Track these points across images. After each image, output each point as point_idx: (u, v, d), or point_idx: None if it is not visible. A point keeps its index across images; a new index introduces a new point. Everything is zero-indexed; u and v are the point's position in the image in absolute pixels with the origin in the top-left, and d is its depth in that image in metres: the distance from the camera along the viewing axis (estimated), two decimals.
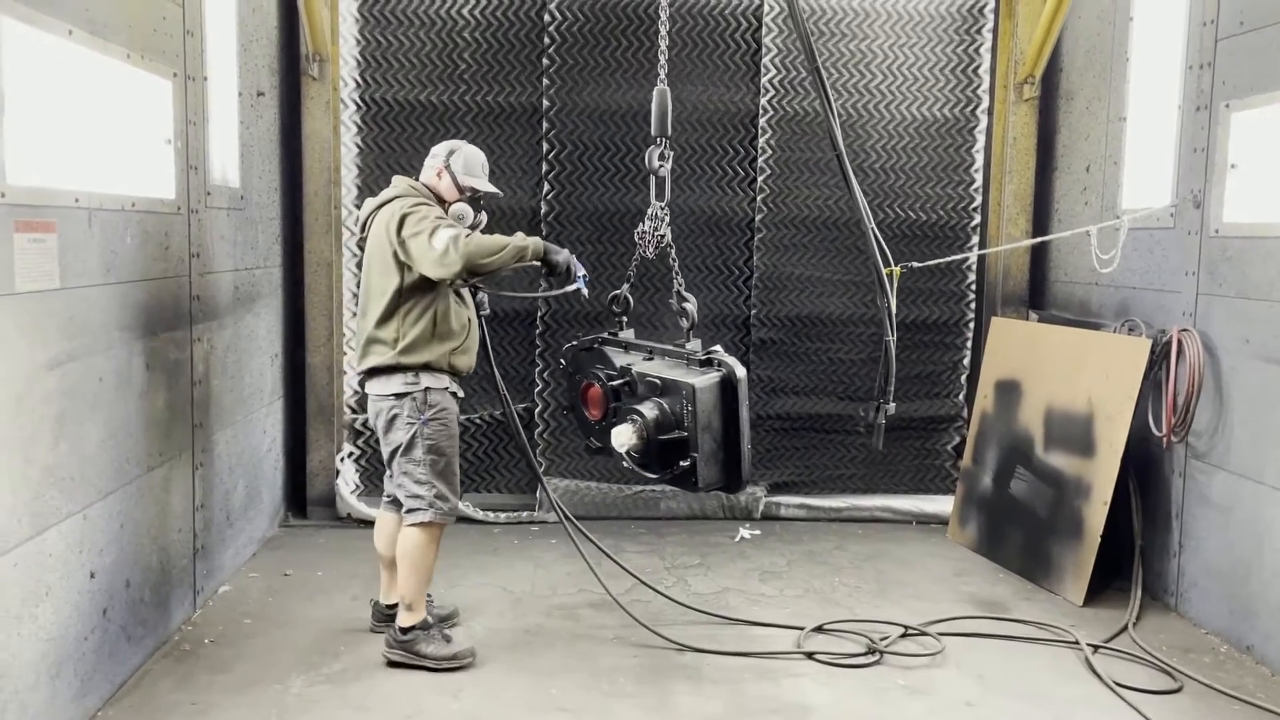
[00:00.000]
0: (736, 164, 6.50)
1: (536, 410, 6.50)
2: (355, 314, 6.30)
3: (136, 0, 4.00)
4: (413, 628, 4.20)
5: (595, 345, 4.42)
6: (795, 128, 6.52)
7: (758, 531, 6.32)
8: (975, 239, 6.71)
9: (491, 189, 4.43)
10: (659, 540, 6.07)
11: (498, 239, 4.02)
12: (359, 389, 4.64)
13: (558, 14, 6.28)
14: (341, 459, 6.41)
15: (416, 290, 4.11)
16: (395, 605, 4.38)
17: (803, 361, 6.65)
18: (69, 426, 3.48)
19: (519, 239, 4.06)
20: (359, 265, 4.94)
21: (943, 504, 6.67)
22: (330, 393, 6.35)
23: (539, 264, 4.16)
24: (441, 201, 4.32)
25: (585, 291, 4.26)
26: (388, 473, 4.36)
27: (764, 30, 6.43)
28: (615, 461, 6.37)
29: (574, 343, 4.53)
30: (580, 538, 4.81)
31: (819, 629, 4.71)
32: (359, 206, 6.28)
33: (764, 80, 6.46)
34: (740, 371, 3.87)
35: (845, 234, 6.60)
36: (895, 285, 4.40)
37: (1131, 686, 4.17)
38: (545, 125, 6.36)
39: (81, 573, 3.59)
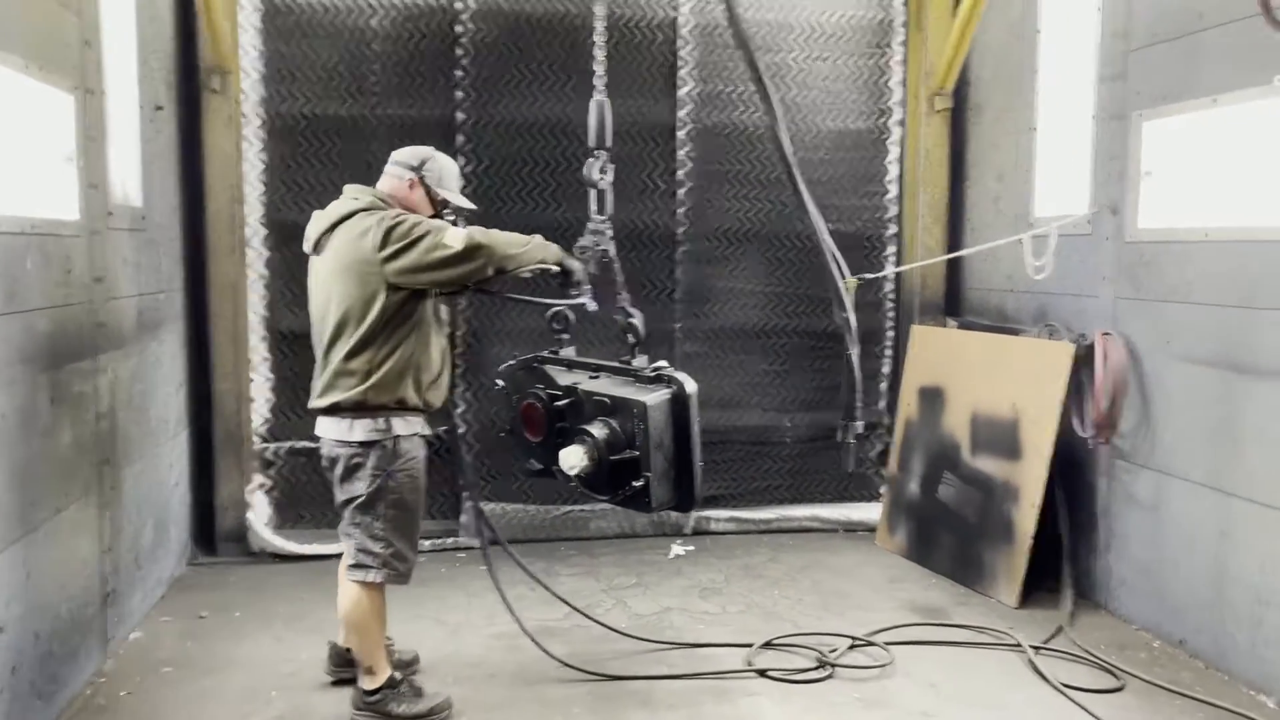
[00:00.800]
0: (657, 177, 6.44)
1: (459, 432, 6.30)
2: (264, 338, 6.05)
3: (33, 6, 3.72)
4: (379, 689, 3.86)
5: (534, 364, 4.27)
6: (714, 140, 6.50)
7: (691, 547, 6.24)
8: (892, 249, 6.80)
9: (467, 204, 4.10)
10: (592, 561, 5.94)
11: (514, 235, 3.74)
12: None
13: (470, 25, 6.13)
14: (252, 491, 6.10)
15: (397, 314, 3.68)
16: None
17: (728, 374, 6.62)
18: None
19: (538, 237, 3.81)
20: (301, 287, 4.24)
21: (869, 511, 6.71)
22: (239, 422, 6.04)
23: (557, 270, 3.88)
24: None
25: (593, 305, 4.03)
26: (342, 522, 3.97)
27: (680, 43, 6.39)
28: (549, 483, 6.26)
29: (511, 362, 4.36)
30: (502, 571, 4.56)
31: (767, 645, 4.65)
32: (266, 225, 6.03)
33: (681, 93, 6.42)
34: (691, 387, 3.78)
35: (767, 246, 6.61)
36: (853, 297, 4.38)
37: (1076, 687, 4.22)
38: (461, 139, 6.18)
39: None
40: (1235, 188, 4.30)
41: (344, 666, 4.12)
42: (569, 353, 4.29)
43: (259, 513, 6.08)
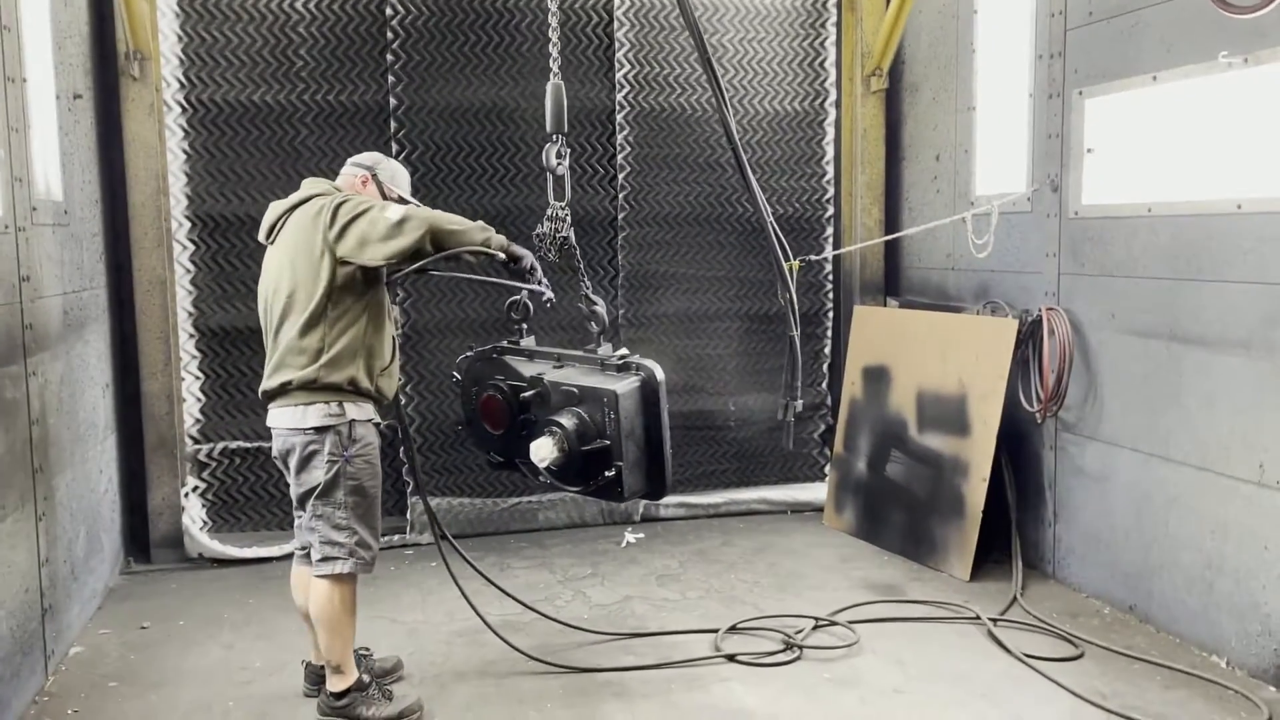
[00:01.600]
0: (596, 162, 6.36)
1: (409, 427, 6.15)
2: (192, 336, 5.81)
3: None
4: (347, 691, 3.75)
5: (494, 355, 4.17)
6: (652, 124, 6.44)
7: (641, 535, 6.21)
8: (830, 230, 6.83)
9: (416, 204, 4.01)
10: (544, 553, 5.86)
11: (457, 217, 3.66)
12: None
13: (400, 8, 5.95)
14: (186, 494, 5.87)
15: (348, 293, 3.62)
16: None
17: (672, 359, 6.57)
18: None
19: (481, 223, 3.72)
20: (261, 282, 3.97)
21: (815, 491, 6.76)
22: (171, 423, 5.79)
23: (502, 257, 3.77)
24: None
25: (551, 295, 3.91)
26: (299, 517, 3.87)
27: (616, 25, 6.31)
28: (493, 476, 6.23)
29: (468, 353, 4.26)
30: (459, 565, 4.46)
31: (733, 629, 4.64)
32: (191, 218, 5.79)
33: (619, 76, 6.35)
34: (659, 374, 3.74)
35: (708, 229, 6.59)
36: (795, 279, 4.36)
37: (1038, 656, 4.30)
38: (394, 125, 6.02)
39: None
40: (1177, 164, 4.41)
41: (321, 684, 3.93)
42: (529, 343, 4.20)
43: (194, 517, 5.86)
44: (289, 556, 5.70)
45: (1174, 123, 4.40)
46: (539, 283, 3.92)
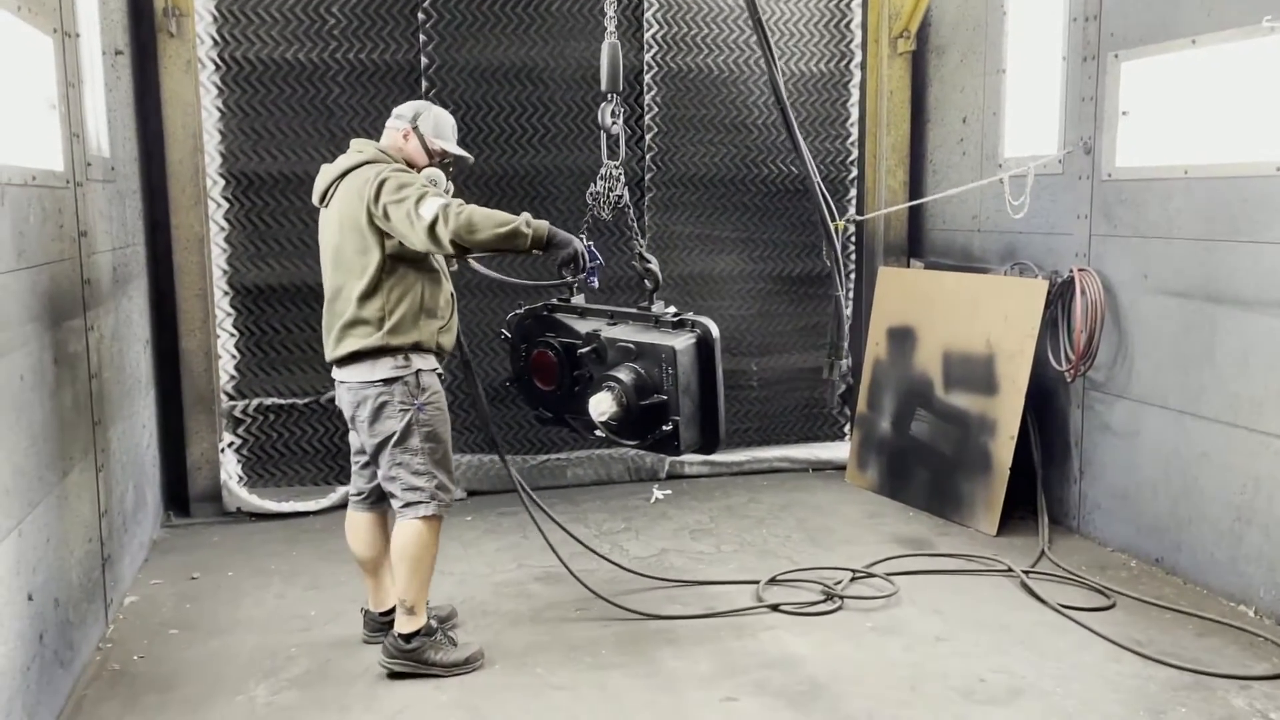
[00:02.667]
0: (624, 122, 6.37)
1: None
2: (226, 293, 5.86)
3: None
4: (416, 633, 3.82)
5: (545, 312, 4.24)
6: (680, 84, 6.47)
7: (669, 491, 6.32)
8: (853, 192, 6.90)
9: (463, 153, 4.05)
10: (576, 509, 5.97)
11: (498, 214, 3.58)
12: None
13: None
14: (223, 450, 5.95)
15: (400, 261, 3.69)
16: (391, 611, 4.04)
17: None
18: (2, 433, 3.04)
19: (523, 220, 3.58)
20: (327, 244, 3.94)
21: (836, 450, 6.88)
22: (208, 380, 5.86)
23: (539, 253, 3.73)
24: (410, 167, 3.88)
25: (596, 283, 3.90)
26: (358, 466, 4.00)
27: None
28: (522, 432, 6.32)
29: (518, 310, 4.33)
30: (492, 513, 4.57)
31: (773, 580, 4.76)
32: (225, 176, 5.82)
33: (647, 36, 6.37)
34: (715, 331, 3.82)
35: (734, 191, 6.65)
36: (841, 239, 4.43)
37: (1072, 606, 4.44)
38: (425, 84, 6.03)
39: (20, 596, 3.17)
40: (1215, 126, 4.48)
41: (381, 631, 4.05)
42: (579, 300, 4.27)
43: (230, 472, 5.94)
44: (325, 511, 5.90)
45: (1213, 86, 4.47)
46: (584, 270, 3.83)
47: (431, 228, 3.50)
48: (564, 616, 4.39)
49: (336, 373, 3.86)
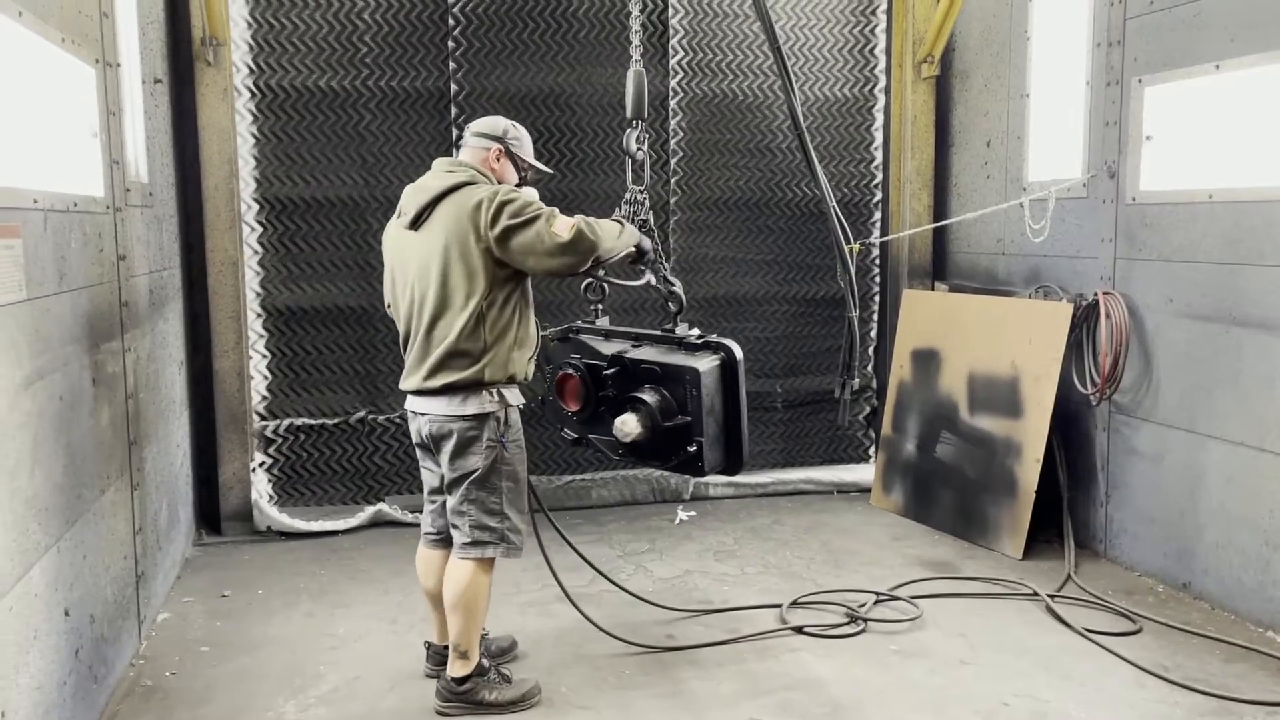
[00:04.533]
0: (649, 147, 6.44)
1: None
2: (259, 315, 5.96)
3: None
4: (468, 676, 3.74)
5: (570, 334, 4.30)
6: (705, 110, 6.55)
7: (693, 512, 6.35)
8: (878, 215, 6.94)
9: (547, 170, 4.02)
10: (600, 529, 6.01)
11: (607, 222, 3.65)
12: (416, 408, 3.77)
13: None
14: (254, 469, 6.04)
15: (503, 291, 3.58)
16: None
17: None
18: (42, 452, 3.13)
19: (625, 224, 3.73)
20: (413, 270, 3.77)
21: (860, 472, 6.89)
22: (241, 400, 5.97)
23: (635, 252, 3.82)
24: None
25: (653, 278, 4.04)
26: (434, 506, 3.89)
27: (670, 11, 6.42)
28: (546, 453, 6.38)
29: (544, 332, 4.39)
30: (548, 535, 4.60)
31: (795, 604, 4.77)
32: (259, 201, 5.93)
33: (672, 62, 6.46)
34: (738, 353, 3.86)
35: (759, 214, 6.71)
36: (855, 261, 4.47)
37: (1097, 630, 4.42)
38: (454, 110, 6.15)
39: (58, 612, 3.25)
40: (1239, 151, 4.49)
41: (443, 665, 3.90)
42: (603, 322, 4.33)
43: (261, 491, 6.03)
44: (354, 530, 5.97)
45: (1237, 111, 4.48)
46: (652, 269, 4.00)
47: (570, 244, 3.48)
48: (587, 637, 4.42)
49: (417, 402, 3.71)
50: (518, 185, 3.87)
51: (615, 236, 3.67)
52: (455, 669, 3.75)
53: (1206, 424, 4.71)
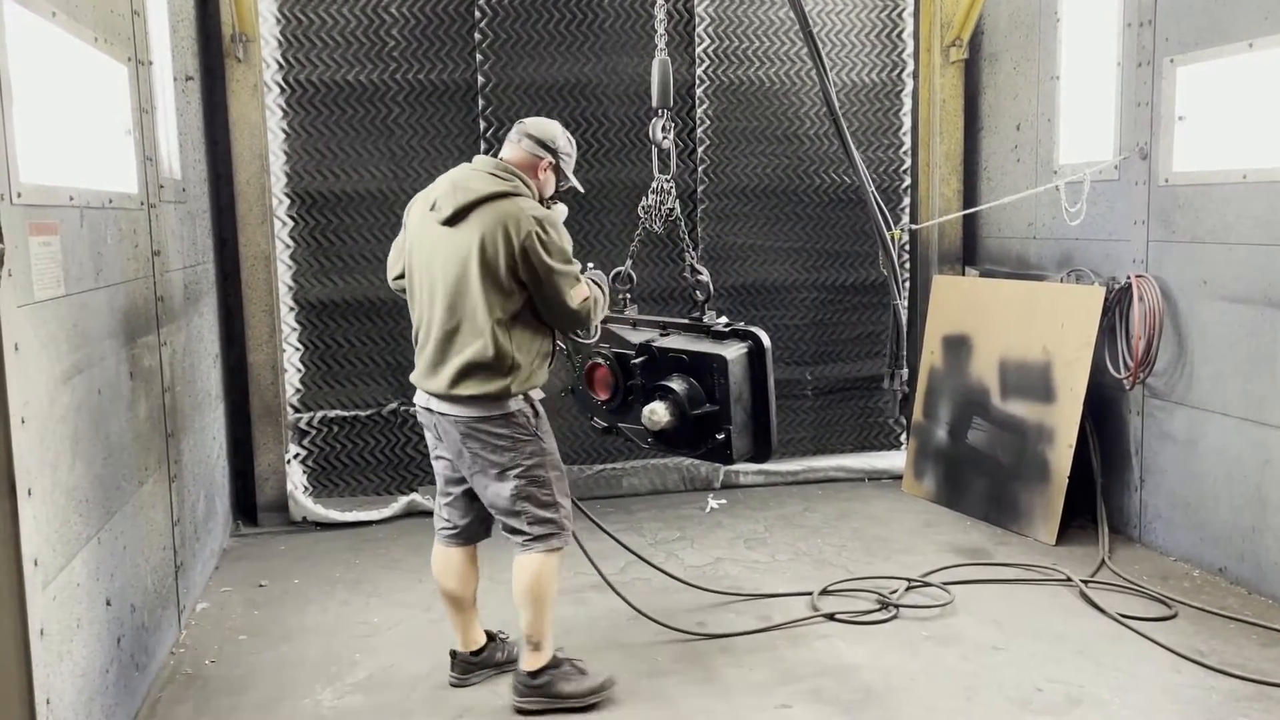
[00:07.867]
0: (676, 135, 6.45)
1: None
2: (291, 309, 6.03)
3: None
4: (544, 669, 3.70)
5: (600, 323, 4.31)
6: (732, 97, 6.53)
7: (724, 500, 6.36)
8: (907, 200, 6.89)
9: (581, 189, 3.99)
10: (631, 518, 6.03)
11: (595, 291, 3.74)
12: (429, 406, 3.72)
13: None
14: (289, 461, 6.12)
15: (525, 305, 3.57)
16: (482, 650, 3.95)
17: None
18: (82, 444, 3.19)
19: (595, 290, 3.78)
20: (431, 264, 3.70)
21: (891, 459, 6.87)
22: (275, 392, 6.04)
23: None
24: (539, 199, 3.73)
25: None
26: (447, 500, 3.86)
27: None
28: (578, 442, 6.41)
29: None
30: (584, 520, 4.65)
31: (826, 591, 4.78)
32: (289, 195, 5.99)
33: (699, 50, 6.45)
34: (766, 341, 3.86)
35: (787, 201, 6.69)
36: (898, 247, 4.45)
37: (1132, 616, 4.39)
38: (481, 103, 6.17)
39: (100, 601, 3.31)
40: (1273, 130, 4.43)
41: (471, 672, 3.94)
42: (631, 311, 4.35)
43: (296, 482, 6.11)
44: (387, 520, 6.04)
45: (1271, 89, 4.42)
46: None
47: (573, 316, 3.60)
48: (618, 624, 4.45)
49: (438, 404, 3.63)
50: (551, 198, 3.83)
51: (598, 315, 3.78)
52: (529, 662, 3.71)
53: (1243, 407, 4.66)
